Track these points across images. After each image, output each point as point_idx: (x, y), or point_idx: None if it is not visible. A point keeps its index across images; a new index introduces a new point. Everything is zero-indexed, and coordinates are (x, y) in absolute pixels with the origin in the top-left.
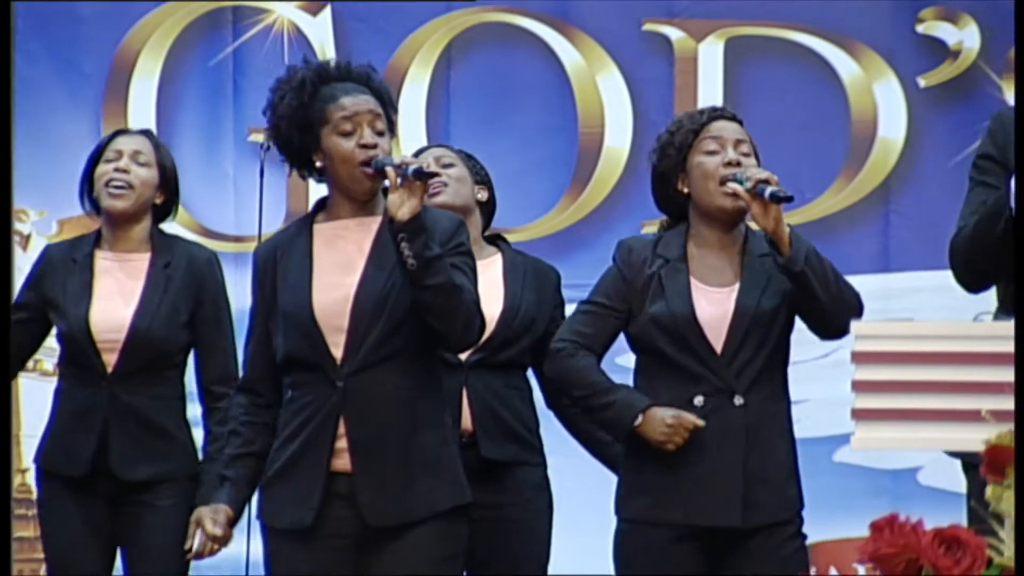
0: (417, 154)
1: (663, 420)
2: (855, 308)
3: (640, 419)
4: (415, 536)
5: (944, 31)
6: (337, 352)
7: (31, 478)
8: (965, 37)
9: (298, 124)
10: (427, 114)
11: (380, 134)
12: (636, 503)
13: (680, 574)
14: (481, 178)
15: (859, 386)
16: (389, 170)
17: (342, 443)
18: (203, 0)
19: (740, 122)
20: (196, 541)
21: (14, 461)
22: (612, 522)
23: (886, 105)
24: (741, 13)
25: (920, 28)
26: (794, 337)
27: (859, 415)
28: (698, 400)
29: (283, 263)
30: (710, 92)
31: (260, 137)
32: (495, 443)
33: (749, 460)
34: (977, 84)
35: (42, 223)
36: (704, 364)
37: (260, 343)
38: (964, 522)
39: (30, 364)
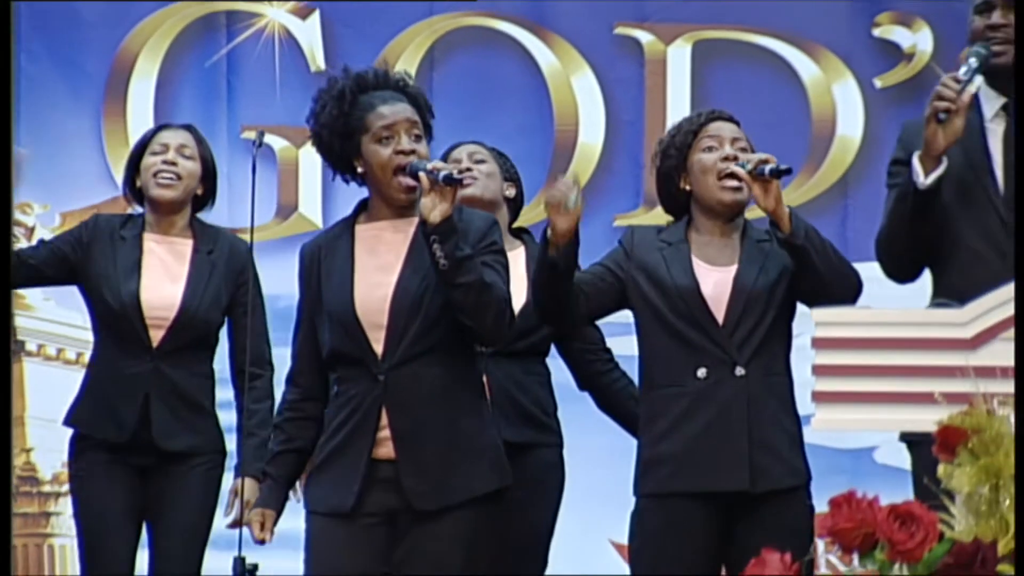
0: (451, 150)
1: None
2: (855, 280)
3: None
4: (454, 517)
5: (899, 35)
6: (378, 347)
7: (35, 457)
8: (919, 40)
9: (339, 132)
10: None
11: (417, 139)
12: (651, 477)
13: (696, 544)
14: (510, 175)
15: (819, 370)
16: (422, 175)
17: (384, 432)
18: (199, 3)
19: (737, 122)
20: (235, 511)
21: (19, 441)
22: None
23: (844, 105)
24: (707, 17)
25: (876, 32)
26: None
27: (819, 397)
28: (701, 372)
29: (327, 263)
30: (678, 93)
31: (252, 134)
32: (513, 427)
33: (753, 428)
34: (930, 85)
35: (46, 216)
36: (707, 335)
37: (307, 337)
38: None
39: (33, 348)
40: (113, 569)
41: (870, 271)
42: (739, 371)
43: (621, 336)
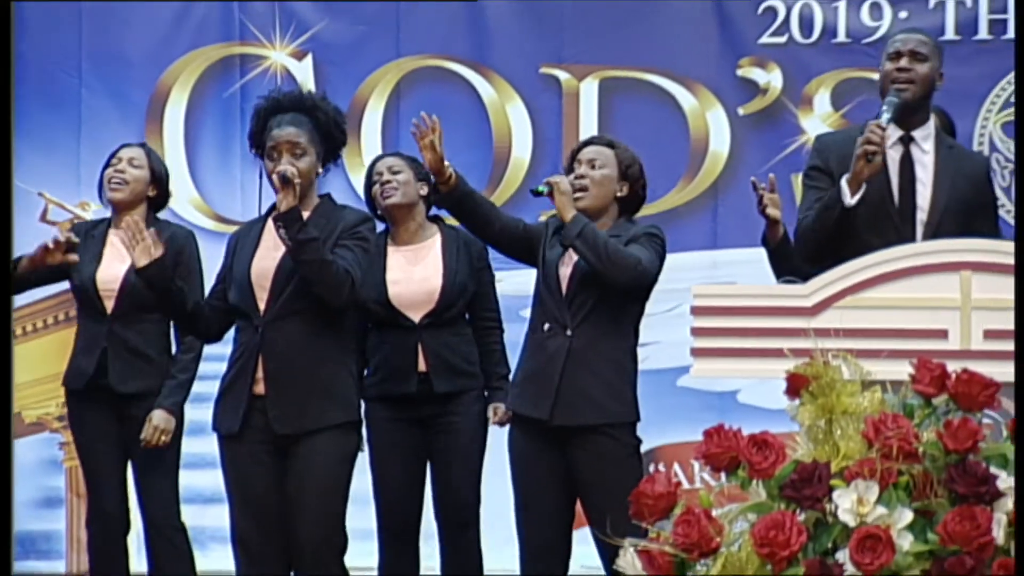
0: (375, 163)
1: None
2: (627, 273)
3: None
4: (312, 442)
5: (757, 74)
6: (261, 305)
7: None
8: (772, 79)
9: (256, 144)
10: (383, 133)
11: (298, 156)
12: (510, 395)
13: (541, 468)
14: (422, 176)
15: (696, 331)
16: (274, 178)
17: (260, 373)
18: (219, 47)
19: (611, 144)
20: (145, 433)
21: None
22: None
23: (715, 128)
24: (611, 59)
25: (740, 72)
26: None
27: (696, 352)
28: (546, 327)
29: (242, 242)
30: (588, 118)
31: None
32: (443, 380)
33: (566, 375)
34: (780, 113)
35: (100, 213)
36: (554, 301)
37: (220, 297)
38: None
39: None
40: (106, 488)
41: (738, 255)
42: (568, 332)
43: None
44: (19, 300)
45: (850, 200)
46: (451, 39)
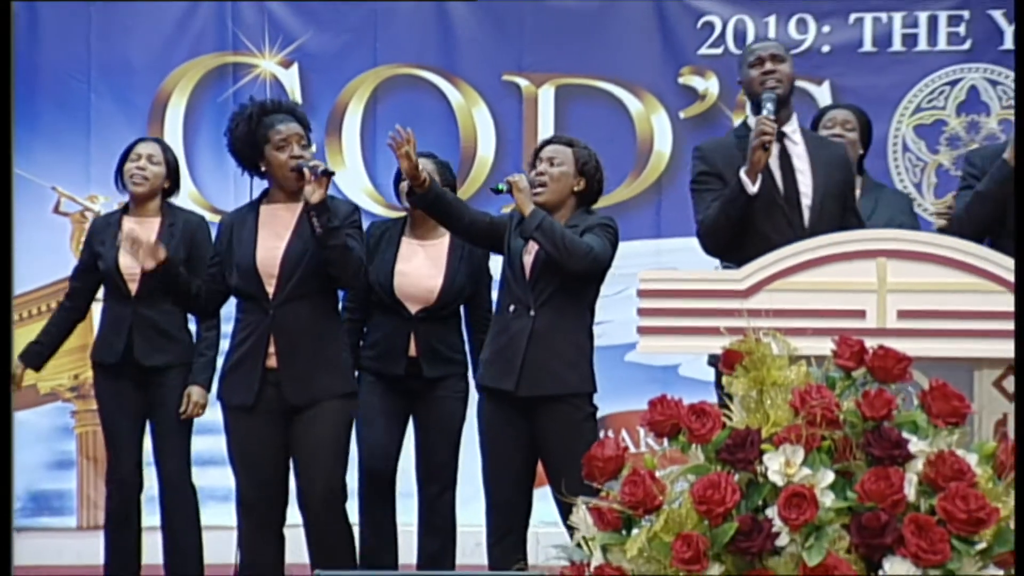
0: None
1: None
2: (582, 261)
3: None
4: (321, 409)
5: (696, 82)
6: (270, 290)
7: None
8: (710, 86)
9: (248, 143)
10: (361, 134)
11: (304, 147)
12: (478, 373)
13: (506, 437)
14: (448, 180)
15: (642, 312)
16: (306, 171)
17: (271, 349)
18: (214, 56)
19: (569, 143)
20: (184, 407)
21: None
22: None
23: (659, 130)
24: (566, 68)
25: (681, 79)
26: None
27: (642, 331)
28: (511, 308)
29: (237, 230)
30: (546, 121)
31: None
32: (431, 366)
33: (529, 351)
34: (717, 117)
35: (108, 205)
36: (519, 285)
37: (217, 279)
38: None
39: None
40: (125, 452)
41: (680, 243)
42: (532, 312)
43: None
44: (35, 283)
45: (752, 188)
46: (423, 50)
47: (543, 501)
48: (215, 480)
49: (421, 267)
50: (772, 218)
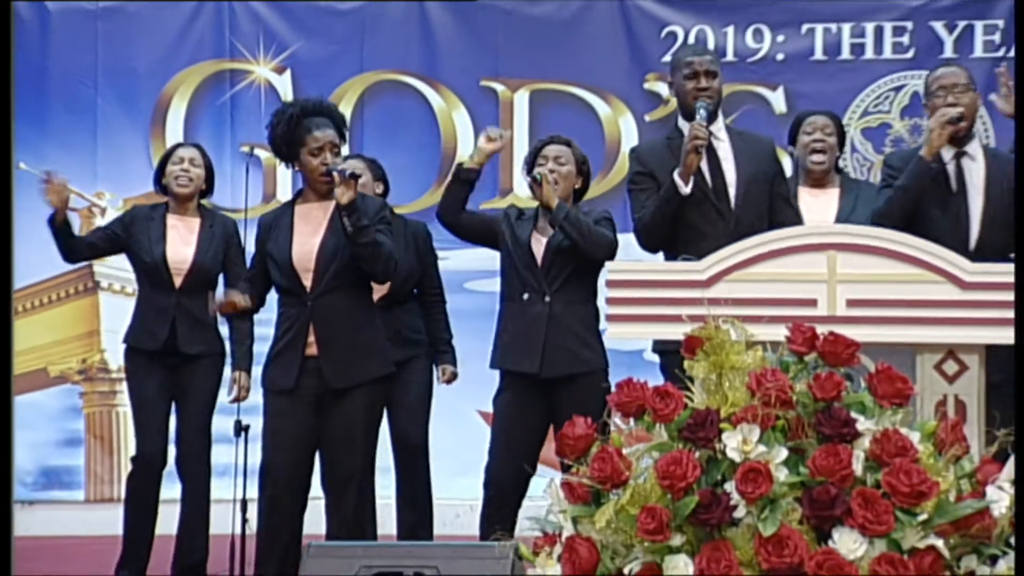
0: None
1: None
2: (605, 249)
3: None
4: (357, 392)
5: (660, 87)
6: (307, 284)
7: (107, 356)
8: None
9: (287, 142)
10: (350, 135)
11: (336, 154)
12: (496, 356)
13: (529, 413)
14: (378, 176)
15: (610, 301)
16: (336, 174)
17: (311, 338)
18: (213, 63)
19: (568, 143)
20: (235, 392)
21: (96, 344)
22: None
23: (626, 131)
24: (540, 74)
25: (646, 85)
26: None
27: (611, 318)
28: (524, 295)
29: (274, 229)
30: (520, 123)
31: (247, 148)
32: (399, 349)
33: (548, 335)
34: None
35: (113, 200)
36: (532, 273)
37: (259, 276)
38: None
39: (104, 284)
40: (153, 431)
41: None
42: (547, 298)
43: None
44: (45, 274)
45: (685, 189)
46: (406, 57)
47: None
48: (216, 457)
49: None
50: (702, 210)
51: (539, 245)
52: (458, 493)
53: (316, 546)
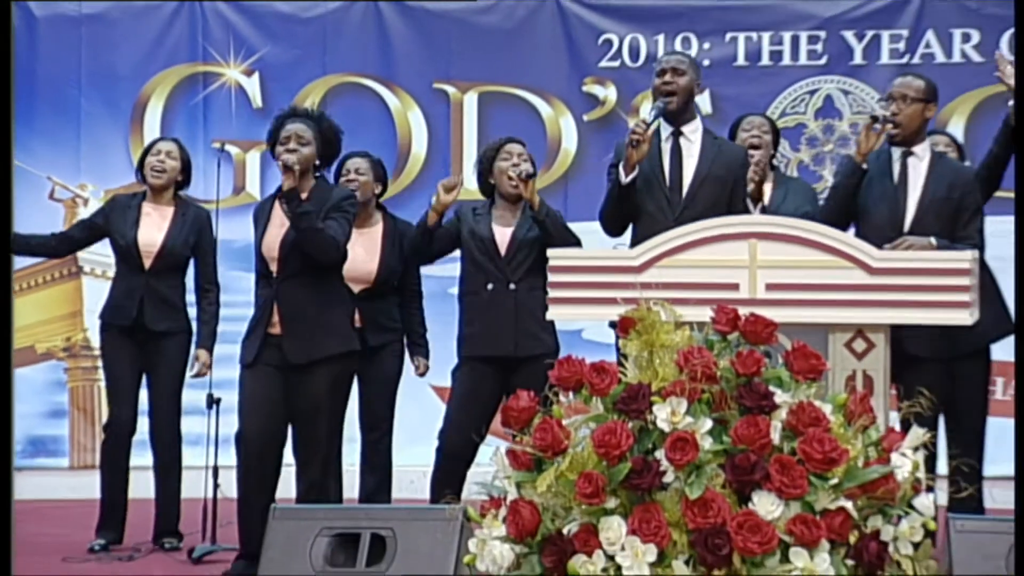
0: (345, 160)
1: None
2: (573, 241)
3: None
4: (319, 368)
5: (597, 90)
6: (274, 268)
7: (90, 334)
8: (608, 93)
9: (273, 141)
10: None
11: (303, 145)
12: (464, 346)
13: (485, 389)
14: (379, 177)
15: (552, 285)
16: (279, 164)
17: (276, 318)
18: (187, 66)
19: (523, 143)
20: (197, 368)
21: (79, 324)
22: None
23: (566, 131)
24: (487, 77)
25: (584, 88)
26: None
27: (552, 300)
28: (489, 286)
29: (258, 219)
30: (470, 123)
31: (219, 145)
32: (375, 335)
33: (517, 320)
34: (615, 120)
35: (95, 192)
36: (495, 264)
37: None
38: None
39: (87, 269)
40: (124, 402)
41: (584, 227)
42: (512, 286)
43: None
44: (31, 260)
45: (625, 180)
46: (366, 61)
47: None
48: (189, 427)
49: (359, 253)
50: (656, 200)
51: (502, 236)
52: (413, 460)
53: (280, 509)
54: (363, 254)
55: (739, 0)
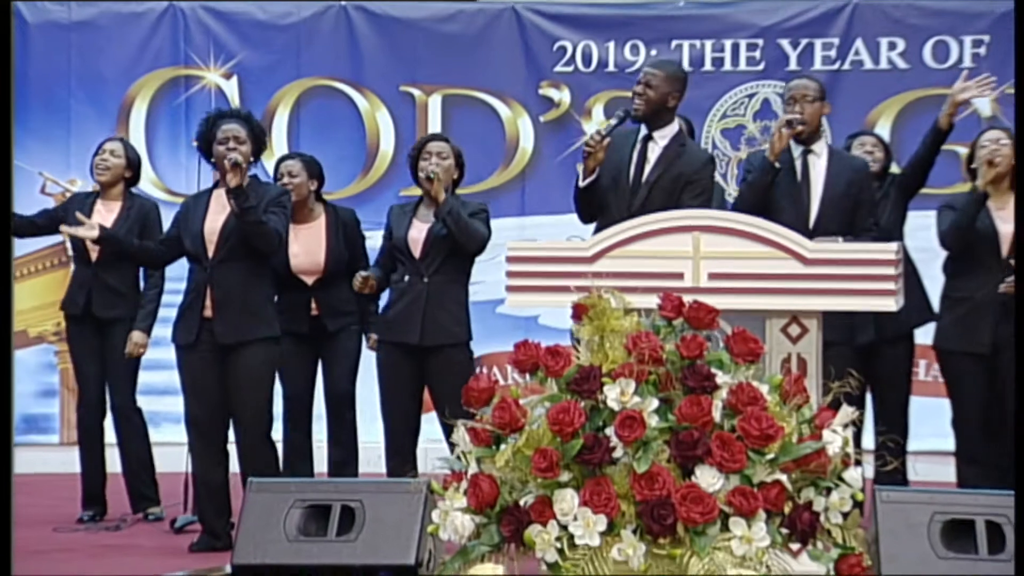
0: (280, 161)
1: None
2: (476, 243)
3: None
4: (246, 349)
5: (553, 93)
6: (210, 252)
7: None
8: (563, 96)
9: (206, 139)
10: (287, 133)
11: (240, 144)
12: (377, 331)
13: (404, 372)
14: (314, 173)
15: (510, 274)
16: (225, 163)
17: (208, 301)
18: (170, 69)
19: (447, 140)
20: (128, 347)
21: None
22: None
23: (523, 131)
24: (450, 81)
25: (541, 91)
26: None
27: (510, 289)
28: (406, 278)
29: (193, 207)
30: (434, 124)
31: (198, 143)
32: (331, 320)
33: (426, 311)
34: (569, 121)
35: (85, 187)
36: (410, 260)
37: (172, 240)
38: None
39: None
40: (90, 385)
41: (540, 220)
42: (425, 279)
43: None
44: (25, 248)
45: (582, 183)
46: (337, 65)
47: (431, 424)
48: (167, 406)
49: (307, 247)
50: (618, 194)
51: (418, 234)
52: (378, 436)
53: (257, 483)
54: (310, 247)
55: (684, 10)
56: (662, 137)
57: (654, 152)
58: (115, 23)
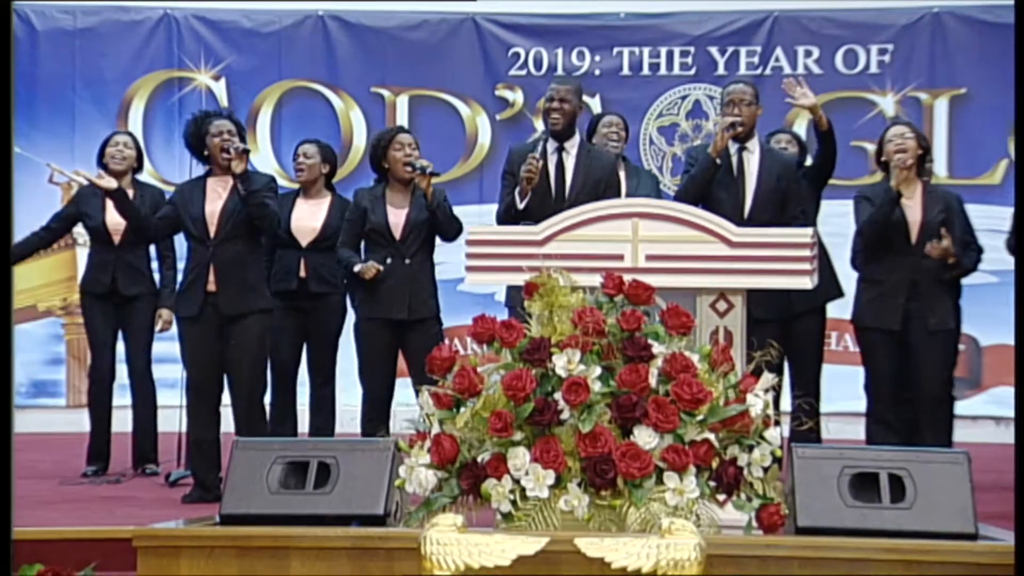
0: (299, 146)
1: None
2: (454, 232)
3: None
4: (246, 319)
5: (508, 94)
6: (212, 231)
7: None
8: (517, 97)
9: (197, 136)
10: (271, 130)
11: (233, 136)
12: (360, 308)
13: (384, 343)
14: (326, 158)
15: (469, 255)
16: (233, 151)
17: (211, 276)
18: (165, 72)
19: (410, 132)
20: (160, 325)
21: (75, 286)
22: None
23: (482, 128)
24: (417, 83)
25: (497, 92)
26: None
27: (469, 269)
28: (388, 260)
29: (190, 194)
30: (402, 122)
31: None
32: (316, 283)
33: (409, 290)
34: (523, 119)
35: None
36: (391, 243)
37: (169, 218)
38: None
39: (81, 241)
40: (104, 354)
41: (495, 207)
42: (407, 261)
43: None
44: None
45: (520, 206)
46: (315, 69)
47: (404, 390)
48: (166, 373)
49: (308, 213)
50: (544, 207)
51: (396, 219)
52: (353, 400)
53: (242, 441)
54: (312, 213)
55: (624, 21)
56: (572, 147)
57: (569, 162)
58: (115, 30)
